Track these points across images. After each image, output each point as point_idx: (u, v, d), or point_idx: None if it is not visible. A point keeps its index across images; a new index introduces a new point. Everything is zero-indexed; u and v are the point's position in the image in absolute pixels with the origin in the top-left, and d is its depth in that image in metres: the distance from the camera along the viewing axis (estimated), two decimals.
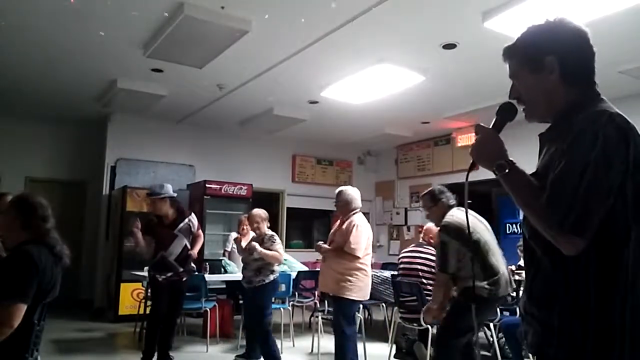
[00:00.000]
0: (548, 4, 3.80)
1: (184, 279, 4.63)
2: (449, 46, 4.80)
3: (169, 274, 4.50)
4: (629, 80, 5.49)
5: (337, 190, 4.22)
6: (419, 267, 4.51)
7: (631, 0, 3.74)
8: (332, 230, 4.34)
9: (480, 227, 3.40)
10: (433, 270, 4.46)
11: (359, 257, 3.94)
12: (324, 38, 4.61)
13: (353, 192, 4.16)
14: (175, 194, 4.79)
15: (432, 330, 4.13)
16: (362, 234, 3.97)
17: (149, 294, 5.01)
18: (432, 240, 4.72)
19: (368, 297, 4.16)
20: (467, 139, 7.96)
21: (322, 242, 4.19)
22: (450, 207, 3.46)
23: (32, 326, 2.34)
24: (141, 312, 5.67)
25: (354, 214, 4.07)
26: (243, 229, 5.42)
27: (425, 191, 3.65)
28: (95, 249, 7.73)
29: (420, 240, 4.80)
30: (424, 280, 4.44)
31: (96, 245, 7.73)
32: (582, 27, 1.43)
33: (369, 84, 5.74)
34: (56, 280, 2.46)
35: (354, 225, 3.96)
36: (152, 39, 4.71)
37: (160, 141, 7.90)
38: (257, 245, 4.38)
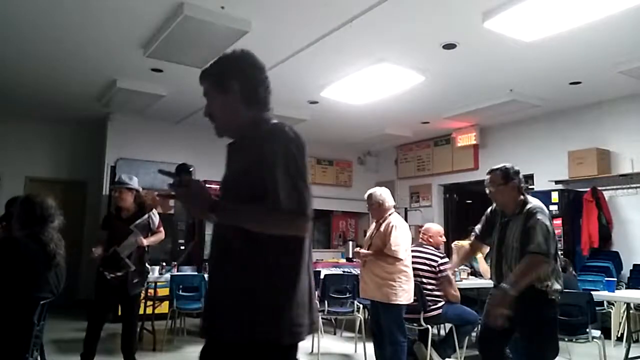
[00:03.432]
0: (548, 4, 3.79)
1: (135, 280, 4.26)
2: (449, 46, 4.80)
3: (119, 273, 4.19)
4: (629, 80, 5.48)
5: (366, 194, 4.12)
6: (419, 267, 4.50)
7: (631, 0, 3.73)
8: (368, 234, 4.19)
9: None
10: (433, 270, 4.46)
11: (401, 259, 3.81)
12: (324, 38, 4.61)
13: (384, 192, 4.06)
14: (140, 188, 4.54)
15: (432, 330, 4.12)
16: (401, 235, 3.85)
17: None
18: (431, 240, 4.71)
19: (412, 300, 3.97)
20: (467, 139, 7.97)
21: (359, 248, 4.07)
22: (521, 191, 3.07)
23: (32, 326, 2.35)
24: (141, 312, 5.66)
25: (390, 214, 3.99)
26: None
27: (498, 166, 3.17)
28: None
29: (420, 240, 4.80)
30: (424, 280, 4.44)
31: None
32: (260, 60, 1.72)
33: (369, 84, 5.74)
34: (49, 278, 2.47)
35: (392, 226, 3.85)
36: (152, 39, 4.71)
37: (160, 141, 7.90)
38: None
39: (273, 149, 1.51)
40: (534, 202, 3.03)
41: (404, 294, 3.82)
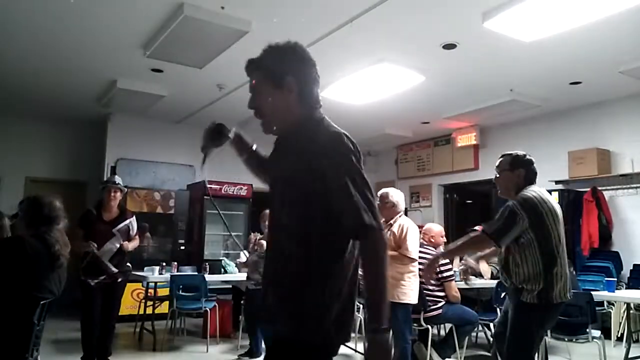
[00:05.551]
0: (548, 4, 3.79)
1: (120, 279, 4.33)
2: (449, 46, 4.80)
3: (102, 277, 4.22)
4: (629, 80, 5.48)
5: (380, 193, 4.09)
6: (419, 267, 4.50)
7: (631, 0, 3.73)
8: None
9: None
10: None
11: (415, 260, 3.89)
12: (324, 38, 4.61)
13: (398, 195, 4.09)
14: (125, 190, 4.62)
15: (432, 330, 4.12)
16: (415, 236, 3.94)
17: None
18: (432, 240, 4.72)
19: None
20: (467, 139, 7.97)
21: None
22: (527, 182, 2.97)
23: (32, 326, 2.35)
24: (141, 312, 5.67)
25: (400, 216, 4.04)
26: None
27: (510, 152, 3.17)
28: None
29: (421, 240, 4.79)
30: (425, 280, 4.43)
31: None
32: (311, 56, 1.65)
33: (369, 84, 5.73)
34: (51, 278, 2.47)
35: (407, 228, 3.91)
36: (152, 39, 4.71)
37: (160, 141, 7.90)
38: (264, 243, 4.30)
39: (336, 162, 1.45)
40: (526, 191, 2.87)
41: (412, 293, 3.88)
